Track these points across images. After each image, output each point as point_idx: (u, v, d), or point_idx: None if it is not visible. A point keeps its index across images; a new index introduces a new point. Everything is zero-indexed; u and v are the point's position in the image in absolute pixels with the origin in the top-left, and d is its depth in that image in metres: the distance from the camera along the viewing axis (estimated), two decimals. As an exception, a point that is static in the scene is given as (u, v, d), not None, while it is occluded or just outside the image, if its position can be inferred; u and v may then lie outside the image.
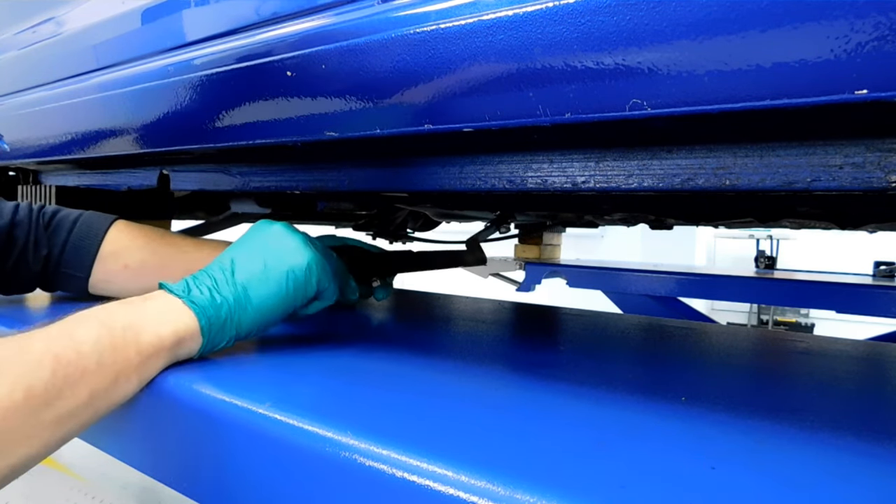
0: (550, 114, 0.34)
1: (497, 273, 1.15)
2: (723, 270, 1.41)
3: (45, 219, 0.64)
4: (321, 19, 0.45)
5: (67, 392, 0.36)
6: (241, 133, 0.52)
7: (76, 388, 0.36)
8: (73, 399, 0.36)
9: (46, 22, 0.79)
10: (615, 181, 0.46)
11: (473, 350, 0.58)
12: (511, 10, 0.34)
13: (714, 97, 0.29)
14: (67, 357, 0.36)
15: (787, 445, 0.34)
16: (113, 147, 0.69)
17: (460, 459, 0.29)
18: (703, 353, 0.62)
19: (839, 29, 0.25)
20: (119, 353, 0.39)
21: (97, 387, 0.38)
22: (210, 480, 0.39)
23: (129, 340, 0.40)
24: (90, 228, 0.65)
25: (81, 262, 0.64)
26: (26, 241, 0.62)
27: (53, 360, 0.35)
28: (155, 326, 0.42)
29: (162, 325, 0.42)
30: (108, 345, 0.39)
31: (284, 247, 0.50)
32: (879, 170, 0.35)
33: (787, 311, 3.66)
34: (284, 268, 0.49)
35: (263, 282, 0.48)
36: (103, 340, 0.39)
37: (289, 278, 0.49)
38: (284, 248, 0.50)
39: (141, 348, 0.41)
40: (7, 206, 0.63)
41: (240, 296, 0.46)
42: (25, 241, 0.62)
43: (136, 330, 0.41)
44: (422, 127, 0.40)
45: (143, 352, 0.41)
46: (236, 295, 0.46)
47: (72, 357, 0.36)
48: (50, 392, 0.35)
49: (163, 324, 0.43)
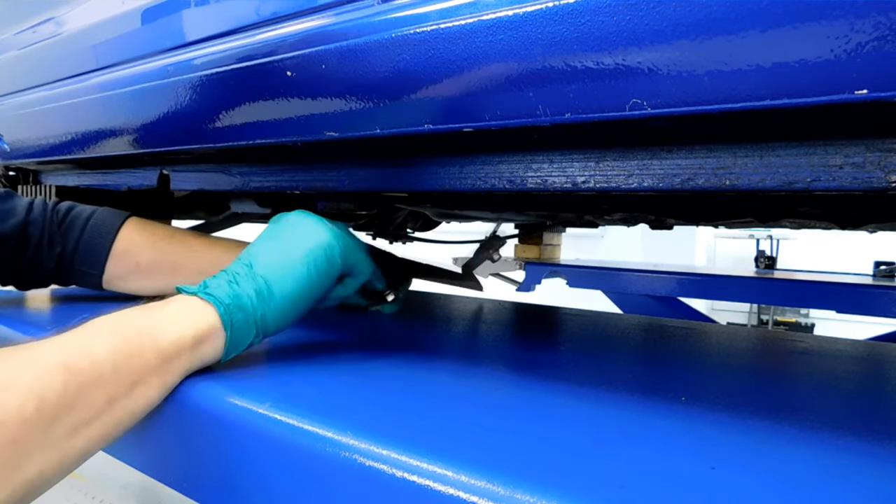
0: (550, 114, 0.34)
1: (497, 273, 1.15)
2: (723, 270, 1.41)
3: (59, 216, 0.64)
4: (321, 19, 0.45)
5: (82, 402, 0.34)
6: (241, 133, 0.52)
7: (91, 397, 0.35)
8: (89, 409, 0.35)
9: (46, 22, 0.79)
10: (615, 181, 0.46)
11: (473, 350, 0.58)
12: (511, 10, 0.34)
13: (714, 97, 0.29)
14: (80, 365, 0.35)
15: (787, 445, 0.33)
16: (113, 147, 0.69)
17: (460, 459, 0.29)
18: (703, 353, 0.62)
19: (839, 29, 0.25)
20: (136, 357, 0.38)
21: (115, 394, 0.36)
22: (210, 480, 0.39)
23: (145, 344, 0.39)
24: (103, 226, 0.65)
25: (95, 260, 0.64)
26: (40, 238, 0.62)
27: (65, 369, 0.34)
28: (173, 327, 0.41)
29: (181, 324, 0.41)
30: (124, 350, 0.37)
31: (301, 230, 0.49)
32: (879, 170, 0.35)
33: (787, 311, 3.66)
34: (302, 250, 0.47)
35: (284, 270, 0.46)
36: (118, 346, 0.37)
37: (309, 260, 0.47)
38: (301, 231, 0.49)
39: (160, 351, 0.39)
40: (21, 203, 0.63)
41: (261, 288, 0.45)
42: (40, 238, 0.62)
43: (154, 332, 0.40)
44: (422, 127, 0.40)
45: (163, 354, 0.39)
46: (258, 288, 0.45)
47: (84, 365, 0.35)
48: (63, 403, 0.33)
49: (181, 323, 0.41)
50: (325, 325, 0.65)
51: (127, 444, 0.47)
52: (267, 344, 0.54)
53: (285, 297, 0.46)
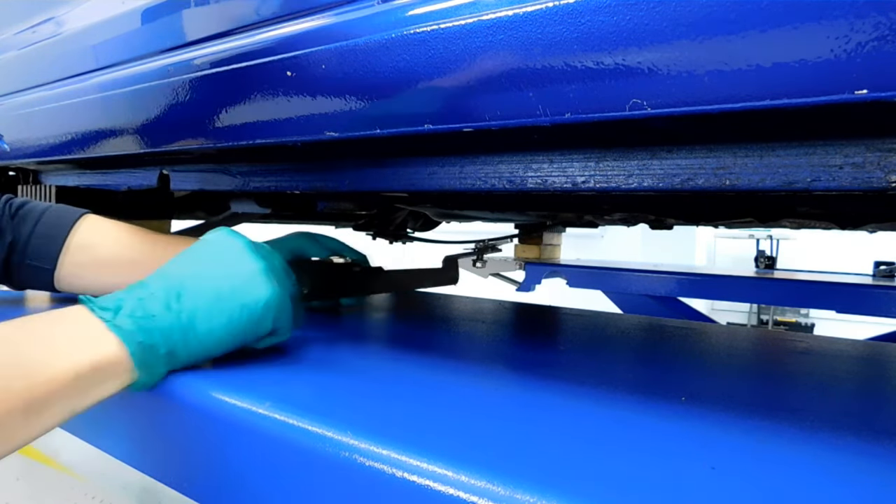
0: (550, 114, 0.34)
1: (497, 273, 1.15)
2: (723, 270, 1.41)
3: (12, 209, 0.61)
4: (321, 19, 0.45)
5: None
6: (242, 133, 0.52)
7: None
8: None
9: (46, 22, 0.79)
10: (615, 181, 0.46)
11: (473, 350, 0.58)
12: (511, 10, 0.34)
13: (714, 97, 0.29)
14: None
15: (787, 445, 0.34)
16: (113, 147, 0.69)
17: (460, 459, 0.29)
18: (703, 353, 0.62)
19: (839, 29, 0.25)
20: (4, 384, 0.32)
21: None
22: (210, 480, 0.39)
23: (14, 379, 0.32)
24: (59, 219, 0.61)
25: (48, 253, 0.60)
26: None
27: None
28: (63, 356, 0.34)
29: (74, 353, 0.35)
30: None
31: (242, 274, 0.44)
32: (879, 170, 0.35)
33: (787, 311, 3.66)
34: (239, 301, 0.43)
35: (213, 312, 0.42)
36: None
37: (243, 314, 0.43)
38: (242, 275, 0.44)
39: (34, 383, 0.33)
40: None
41: (184, 324, 0.40)
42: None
43: (36, 359, 0.34)
44: (422, 127, 0.40)
45: (36, 388, 0.33)
46: (181, 323, 0.40)
47: None
48: None
49: (76, 352, 0.35)
50: (325, 325, 0.65)
51: (127, 444, 0.47)
52: (267, 344, 0.54)
53: (207, 340, 0.42)
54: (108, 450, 0.48)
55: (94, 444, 0.50)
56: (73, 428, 0.51)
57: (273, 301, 0.44)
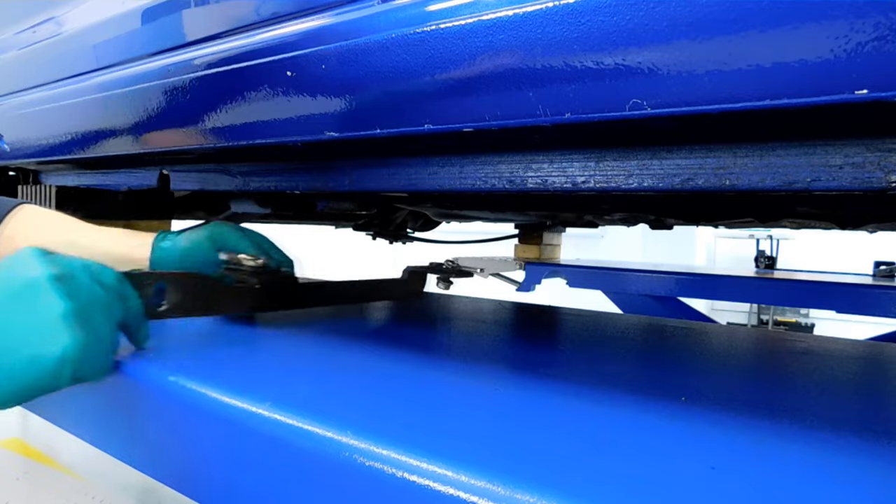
0: (550, 114, 0.34)
1: (497, 273, 1.15)
2: (723, 270, 1.41)
3: None
4: (321, 19, 0.45)
5: None
6: (242, 133, 0.52)
7: None
8: None
9: (46, 22, 0.79)
10: (615, 181, 0.46)
11: (473, 350, 0.58)
12: (511, 10, 0.34)
13: (714, 97, 0.29)
14: None
15: (787, 445, 0.33)
16: (113, 147, 0.69)
17: (460, 459, 0.29)
18: (703, 353, 0.62)
19: (839, 29, 0.25)
20: None
21: None
22: (210, 480, 0.39)
23: None
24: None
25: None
26: None
27: None
28: None
29: None
30: None
31: (36, 319, 0.36)
32: (879, 170, 0.35)
33: (787, 311, 3.66)
34: (27, 353, 0.36)
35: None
36: None
37: (30, 370, 0.36)
38: (35, 320, 0.36)
39: None
40: None
41: None
42: None
43: None
44: (422, 127, 0.40)
45: None
46: None
47: None
48: None
49: None
50: (325, 325, 0.65)
51: (127, 444, 0.47)
52: (267, 344, 0.54)
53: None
54: (108, 450, 0.48)
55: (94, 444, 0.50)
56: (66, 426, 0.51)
57: (72, 353, 0.37)
